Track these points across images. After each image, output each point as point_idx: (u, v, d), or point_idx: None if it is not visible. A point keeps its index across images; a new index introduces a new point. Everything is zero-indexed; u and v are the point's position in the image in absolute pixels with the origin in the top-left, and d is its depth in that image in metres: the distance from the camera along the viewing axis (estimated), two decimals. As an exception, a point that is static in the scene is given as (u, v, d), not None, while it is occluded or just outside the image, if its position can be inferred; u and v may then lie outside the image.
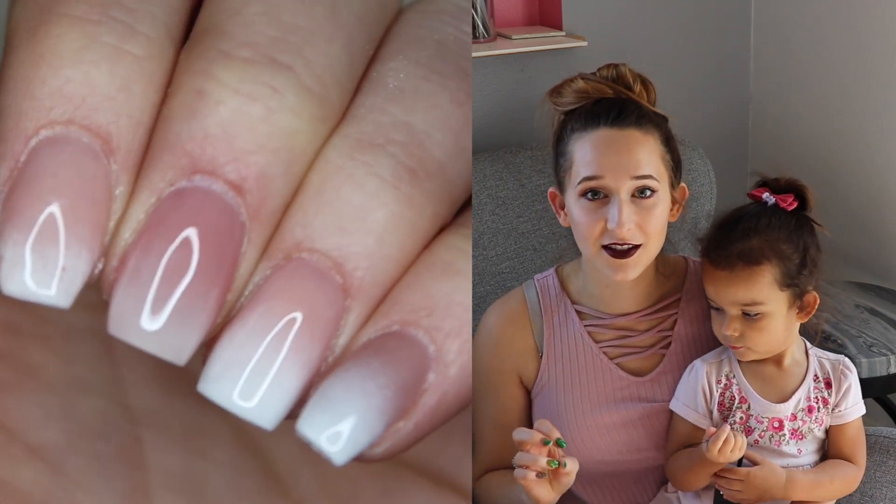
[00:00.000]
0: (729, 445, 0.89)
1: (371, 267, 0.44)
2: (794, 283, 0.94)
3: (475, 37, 1.50)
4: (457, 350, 0.44)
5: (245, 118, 0.42)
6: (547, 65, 1.58)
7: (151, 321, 0.42)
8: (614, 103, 0.94)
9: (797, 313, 0.96)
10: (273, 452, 0.52)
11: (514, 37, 1.53)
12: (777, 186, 0.97)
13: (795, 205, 0.96)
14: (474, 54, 1.45)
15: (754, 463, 0.94)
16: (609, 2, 1.62)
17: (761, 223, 0.94)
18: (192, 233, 0.42)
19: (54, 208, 0.41)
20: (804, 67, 1.68)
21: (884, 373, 1.35)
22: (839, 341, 1.37)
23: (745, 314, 0.94)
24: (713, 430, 0.91)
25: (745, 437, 0.91)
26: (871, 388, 1.06)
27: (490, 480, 1.04)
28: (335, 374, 0.44)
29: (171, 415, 0.51)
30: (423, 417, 0.45)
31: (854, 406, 0.99)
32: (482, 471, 1.05)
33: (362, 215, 0.43)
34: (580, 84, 0.96)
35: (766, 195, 0.96)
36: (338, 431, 0.43)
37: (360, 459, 0.45)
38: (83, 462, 0.48)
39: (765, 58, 1.75)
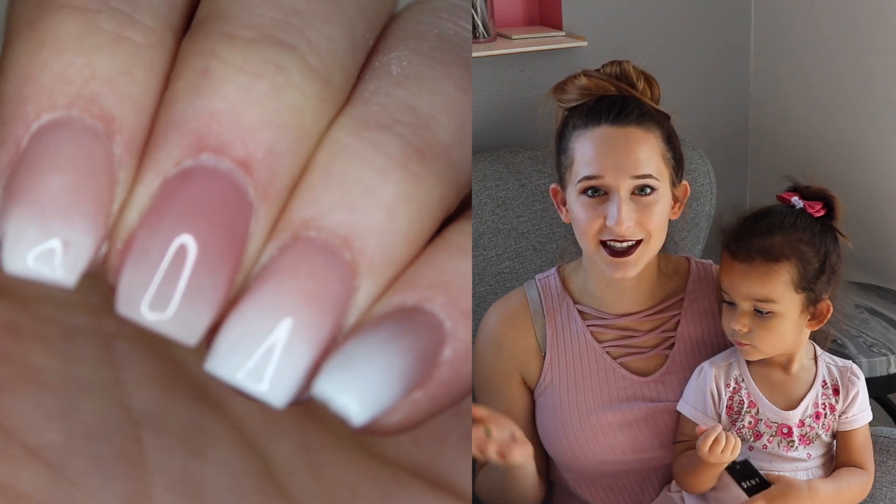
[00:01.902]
0: (719, 445, 0.89)
1: (381, 244, 0.43)
2: (809, 288, 0.94)
3: (475, 37, 1.50)
4: (466, 326, 0.44)
5: (251, 95, 0.42)
6: (547, 65, 1.58)
7: (161, 301, 0.41)
8: (616, 101, 0.94)
9: (808, 320, 0.96)
10: (272, 454, 0.52)
11: (514, 37, 1.53)
12: (808, 193, 0.97)
13: (823, 213, 0.96)
14: (474, 54, 1.45)
15: (770, 481, 0.93)
16: (609, 2, 1.62)
17: (786, 222, 0.94)
18: (200, 212, 0.41)
19: (57, 184, 0.41)
20: (804, 67, 1.68)
21: (884, 373, 1.35)
22: (839, 341, 1.37)
23: (757, 311, 0.93)
24: (703, 427, 0.91)
25: (738, 440, 0.91)
26: (871, 388, 1.05)
27: (480, 473, 1.04)
28: (356, 336, 0.43)
29: (171, 416, 0.51)
30: (438, 390, 0.44)
31: (862, 413, 0.99)
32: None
33: (371, 192, 0.43)
34: (583, 81, 0.96)
35: (794, 199, 0.96)
36: (358, 390, 0.43)
37: (375, 429, 0.44)
38: (83, 463, 0.48)
39: (765, 58, 1.75)
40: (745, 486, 0.93)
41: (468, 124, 0.46)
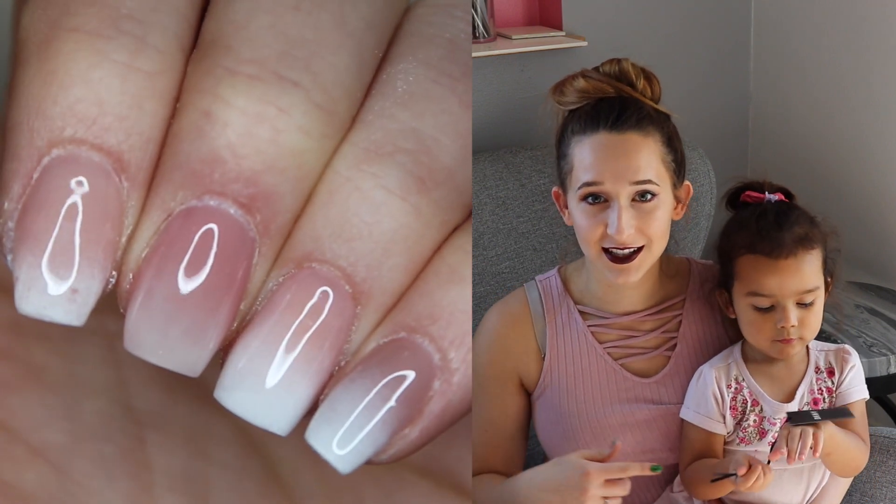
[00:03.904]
0: (761, 480, 0.88)
1: (379, 277, 0.44)
2: (828, 267, 0.95)
3: (475, 37, 1.51)
4: (461, 358, 0.45)
5: (253, 140, 0.42)
6: (547, 65, 1.58)
7: (165, 339, 0.43)
8: (614, 105, 0.93)
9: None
10: (276, 454, 0.52)
11: (514, 37, 1.53)
12: (768, 188, 0.98)
13: (788, 202, 0.97)
14: (474, 54, 1.45)
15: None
16: (609, 2, 1.62)
17: (791, 213, 0.95)
18: (202, 251, 0.42)
19: (67, 231, 0.42)
20: (804, 67, 1.68)
21: (884, 373, 1.36)
22: (839, 341, 1.37)
23: (799, 304, 0.93)
24: (744, 469, 0.89)
25: (771, 471, 0.90)
26: (871, 388, 1.05)
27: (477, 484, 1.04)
28: (341, 385, 0.44)
29: (175, 416, 0.51)
30: (428, 424, 0.45)
31: (858, 387, 0.98)
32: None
33: (369, 227, 0.43)
34: (581, 83, 0.95)
35: (768, 194, 0.97)
36: (343, 442, 0.44)
37: (367, 463, 0.45)
38: (86, 463, 0.48)
39: (765, 58, 1.75)
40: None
41: (469, 142, 0.46)
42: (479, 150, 1.43)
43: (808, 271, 0.93)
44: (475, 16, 1.50)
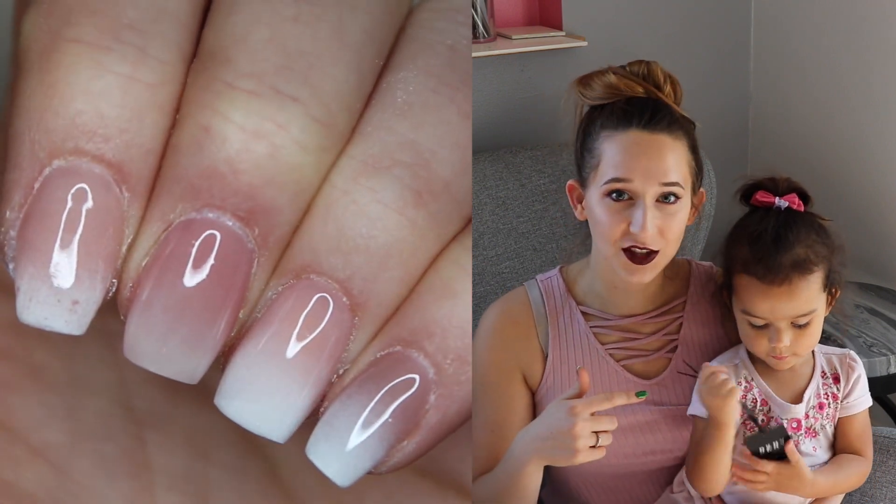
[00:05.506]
0: (717, 377, 0.89)
1: (375, 289, 0.44)
2: (831, 282, 0.94)
3: (475, 37, 1.51)
4: (456, 370, 0.45)
5: (251, 156, 0.42)
6: (547, 65, 1.58)
7: (163, 348, 0.43)
8: (647, 105, 0.93)
9: (827, 306, 0.95)
10: (277, 455, 0.53)
11: (514, 37, 1.53)
12: (780, 188, 0.97)
13: (803, 206, 0.95)
14: (474, 54, 1.45)
15: (786, 458, 0.92)
16: (609, 2, 1.63)
17: (795, 231, 0.93)
18: (201, 262, 0.43)
19: (68, 242, 0.42)
20: (804, 67, 1.69)
21: (884, 373, 1.36)
22: (839, 341, 1.37)
23: (795, 324, 0.92)
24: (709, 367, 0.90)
25: (734, 382, 0.91)
26: (872, 388, 1.06)
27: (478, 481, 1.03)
28: (338, 400, 0.45)
29: (175, 416, 0.52)
30: (425, 435, 0.46)
31: (862, 397, 0.98)
32: (474, 474, 1.04)
33: (365, 241, 0.44)
34: (611, 78, 0.94)
35: (778, 200, 0.95)
36: (341, 458, 0.45)
37: (367, 474, 0.46)
38: (87, 463, 0.48)
39: (765, 58, 1.76)
40: (762, 451, 0.92)
41: (469, 152, 0.46)
42: (479, 150, 1.43)
43: (804, 297, 0.91)
44: (475, 16, 1.50)
